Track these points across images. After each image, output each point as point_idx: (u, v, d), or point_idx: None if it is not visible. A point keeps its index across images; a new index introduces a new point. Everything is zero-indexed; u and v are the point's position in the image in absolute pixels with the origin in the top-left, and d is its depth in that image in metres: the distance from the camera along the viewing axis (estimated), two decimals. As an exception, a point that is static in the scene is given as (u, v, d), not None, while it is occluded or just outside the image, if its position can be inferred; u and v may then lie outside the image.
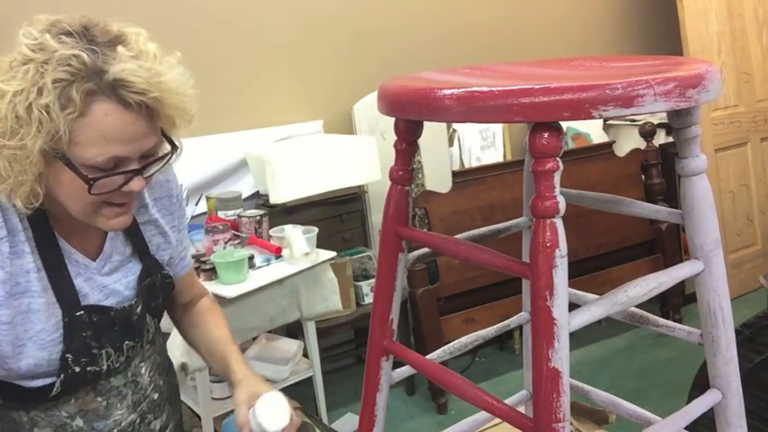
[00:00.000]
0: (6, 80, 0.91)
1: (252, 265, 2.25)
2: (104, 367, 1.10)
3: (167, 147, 1.04)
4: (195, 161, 2.70)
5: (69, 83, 0.89)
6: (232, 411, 1.32)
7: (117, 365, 1.12)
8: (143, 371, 1.19)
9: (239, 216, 2.46)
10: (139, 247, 1.16)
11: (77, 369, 1.06)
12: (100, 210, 1.01)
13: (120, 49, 0.93)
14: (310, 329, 2.41)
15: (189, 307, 1.34)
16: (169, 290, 1.22)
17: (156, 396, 1.21)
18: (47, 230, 1.04)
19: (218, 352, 1.25)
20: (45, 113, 0.89)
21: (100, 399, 1.12)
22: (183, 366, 1.98)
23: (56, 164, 0.94)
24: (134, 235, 1.15)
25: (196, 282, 1.37)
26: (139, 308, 1.15)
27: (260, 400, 1.08)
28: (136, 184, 0.99)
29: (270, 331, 2.51)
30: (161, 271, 1.20)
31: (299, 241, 2.29)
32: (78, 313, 1.06)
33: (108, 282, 1.12)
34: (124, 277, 1.14)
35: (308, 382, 2.47)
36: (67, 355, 1.05)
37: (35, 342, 1.03)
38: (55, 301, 1.04)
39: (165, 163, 1.04)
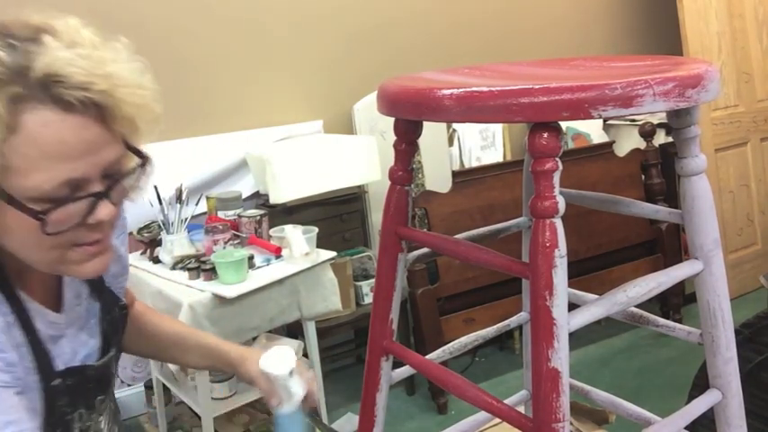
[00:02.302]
0: None
1: (252, 265, 2.25)
2: (75, 430, 0.93)
3: (134, 159, 0.82)
4: (195, 161, 2.70)
5: None
6: (232, 411, 1.32)
7: (87, 425, 0.96)
8: (102, 425, 1.01)
9: (239, 216, 2.46)
10: (95, 282, 0.97)
11: None
12: (67, 254, 0.80)
13: (47, 38, 0.72)
14: (310, 329, 2.41)
15: (131, 307, 1.16)
16: (125, 321, 1.04)
17: None
18: (8, 290, 0.83)
19: (192, 344, 1.13)
20: None
21: None
22: (183, 366, 1.98)
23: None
24: None
25: (128, 291, 1.15)
26: (113, 357, 1.00)
27: (262, 356, 1.06)
28: (103, 211, 0.77)
29: (270, 331, 2.51)
30: (118, 303, 1.02)
31: (299, 241, 2.29)
32: (55, 382, 0.87)
33: (75, 332, 0.93)
34: (87, 323, 0.96)
35: (308, 382, 2.47)
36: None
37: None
38: (36, 377, 0.85)
39: (137, 179, 0.82)
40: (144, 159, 0.82)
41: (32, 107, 0.70)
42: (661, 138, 3.28)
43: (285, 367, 1.05)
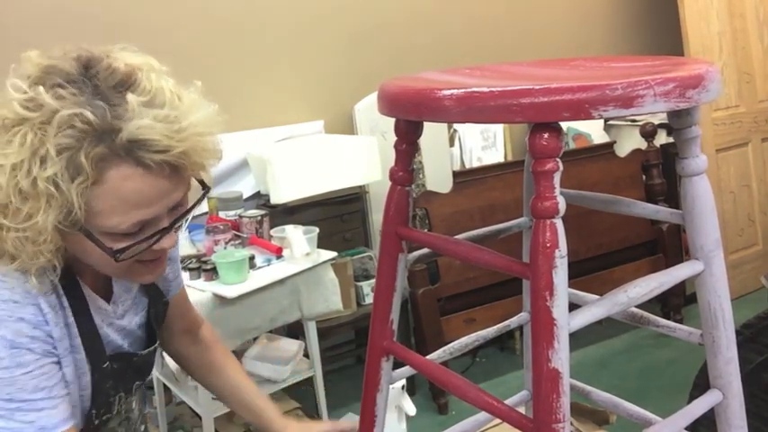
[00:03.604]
0: (1, 147, 0.78)
1: (252, 266, 2.25)
2: (115, 413, 1.04)
3: (198, 188, 0.93)
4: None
5: (76, 149, 0.76)
6: (233, 411, 1.32)
7: (123, 407, 1.07)
8: (134, 405, 1.12)
9: (240, 216, 2.46)
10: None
11: (96, 422, 1.01)
12: (132, 268, 0.91)
13: (130, 97, 0.79)
14: (311, 329, 2.41)
15: (189, 337, 1.28)
16: (164, 313, 1.16)
17: (142, 428, 1.18)
18: (73, 279, 0.95)
19: (245, 400, 1.24)
20: (52, 186, 0.76)
21: None
22: (184, 366, 1.98)
23: (75, 235, 0.83)
24: None
25: (191, 307, 1.29)
26: (156, 348, 1.12)
27: None
28: (167, 242, 0.89)
29: (270, 331, 2.51)
30: (162, 299, 1.14)
31: (299, 241, 2.29)
32: (105, 365, 0.98)
33: (124, 323, 1.05)
34: (135, 315, 1.08)
35: (309, 382, 2.47)
36: (92, 411, 0.99)
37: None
38: (84, 356, 0.96)
39: (197, 205, 0.93)
40: (207, 189, 0.94)
41: (116, 164, 0.79)
42: (662, 138, 3.28)
43: None
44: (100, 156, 0.78)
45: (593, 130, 3.45)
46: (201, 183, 0.93)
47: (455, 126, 3.16)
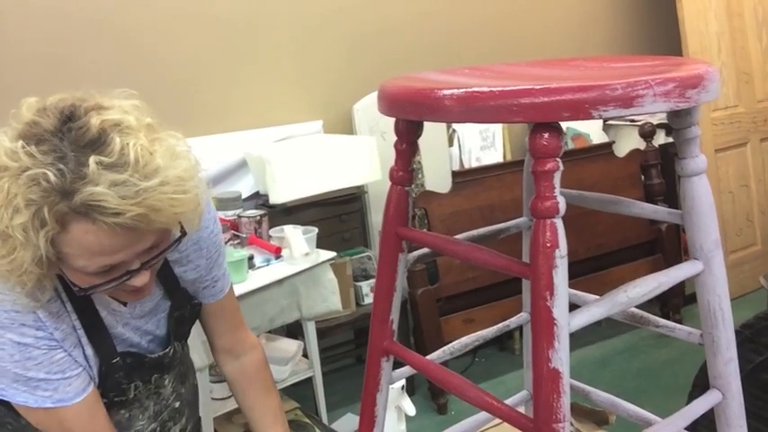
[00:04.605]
0: None
1: (251, 266, 2.25)
2: (131, 396, 1.14)
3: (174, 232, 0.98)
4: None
5: (41, 205, 0.84)
6: (232, 411, 1.33)
7: (148, 388, 1.16)
8: (166, 382, 1.20)
9: (239, 216, 2.46)
10: (170, 285, 1.15)
11: (105, 401, 1.09)
12: (113, 293, 1.02)
13: (92, 160, 0.84)
14: (310, 330, 2.41)
15: (230, 357, 1.31)
16: (197, 314, 1.23)
17: (177, 404, 1.23)
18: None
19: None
20: (23, 233, 0.84)
21: (123, 411, 1.15)
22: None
23: (56, 263, 0.92)
24: (164, 276, 1.13)
25: (235, 328, 1.31)
26: (172, 351, 1.18)
27: None
28: (138, 281, 0.96)
29: (270, 331, 2.51)
30: (191, 301, 1.19)
31: (298, 241, 2.29)
32: (114, 360, 1.08)
33: (141, 324, 1.13)
34: (154, 316, 1.15)
35: (308, 382, 2.47)
36: (98, 390, 1.08)
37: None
38: (93, 353, 1.06)
39: (171, 248, 0.98)
40: (183, 234, 0.98)
41: (76, 220, 0.86)
42: (661, 138, 3.28)
43: None
44: (61, 212, 0.85)
45: (592, 131, 3.45)
46: (181, 226, 0.98)
47: (454, 126, 3.16)
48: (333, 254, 2.43)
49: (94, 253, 0.89)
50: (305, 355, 2.48)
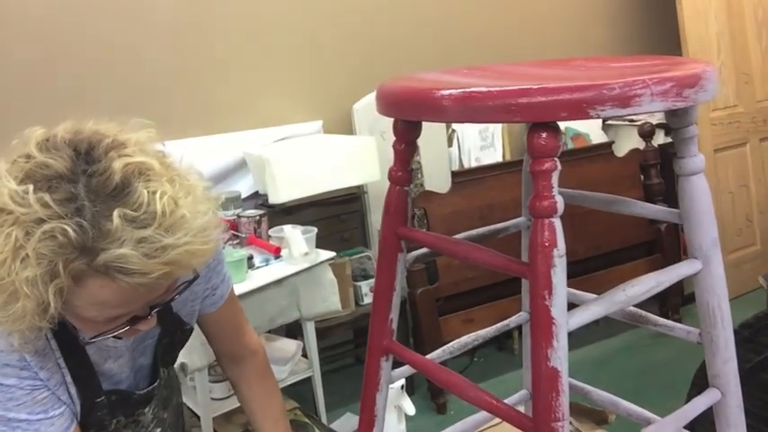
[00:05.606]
0: None
1: (251, 266, 2.25)
2: (111, 429, 1.09)
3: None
4: (194, 161, 2.70)
5: (55, 260, 0.77)
6: (231, 411, 1.33)
7: (129, 422, 1.12)
8: (146, 410, 1.16)
9: (238, 216, 2.46)
10: (162, 311, 1.05)
11: None
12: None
13: (116, 214, 0.77)
14: (309, 329, 2.41)
15: (231, 363, 1.30)
16: (186, 338, 1.19)
17: (158, 430, 1.20)
18: (62, 325, 0.94)
19: None
20: (30, 285, 0.77)
21: None
22: (183, 366, 1.98)
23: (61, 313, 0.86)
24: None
25: (236, 336, 1.28)
26: (158, 383, 1.15)
27: None
28: (143, 326, 0.93)
29: (269, 331, 2.51)
30: (181, 327, 1.15)
31: (298, 241, 2.29)
32: (99, 399, 1.04)
33: (131, 355, 1.09)
34: (141, 343, 1.11)
35: (308, 382, 2.47)
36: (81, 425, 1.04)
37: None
38: (77, 393, 1.02)
39: (182, 291, 0.94)
40: (195, 277, 0.94)
41: (93, 277, 0.80)
42: (660, 138, 3.28)
43: None
44: (78, 269, 0.79)
45: (591, 130, 3.45)
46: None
47: (453, 126, 3.16)
48: (332, 254, 2.43)
49: (108, 306, 0.84)
50: (304, 355, 2.48)
